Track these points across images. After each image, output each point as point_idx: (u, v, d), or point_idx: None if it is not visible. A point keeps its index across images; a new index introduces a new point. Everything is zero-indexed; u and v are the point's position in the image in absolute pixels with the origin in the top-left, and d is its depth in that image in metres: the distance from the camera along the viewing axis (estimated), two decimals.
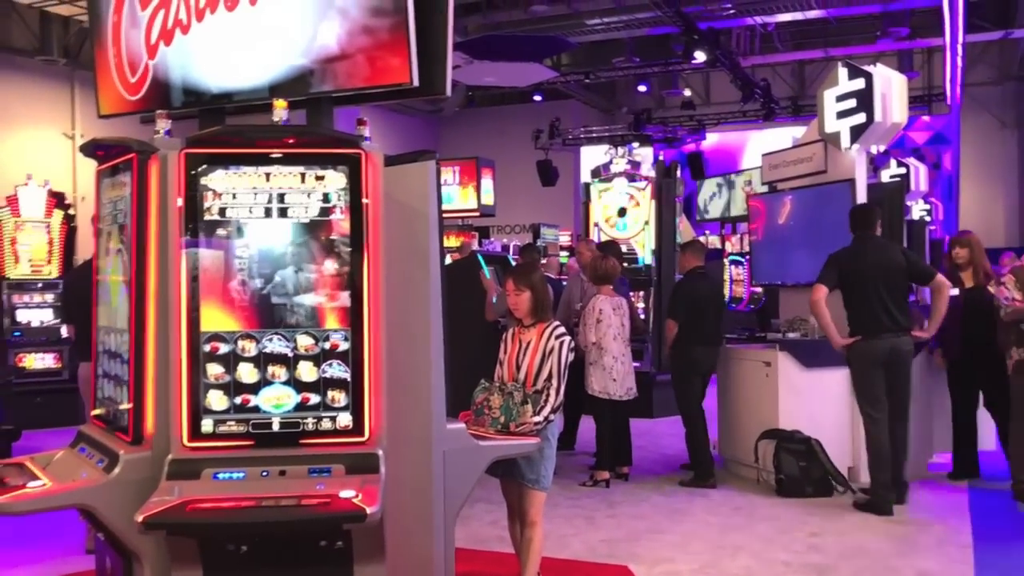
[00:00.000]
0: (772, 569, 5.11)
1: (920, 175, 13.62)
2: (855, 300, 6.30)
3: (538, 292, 4.48)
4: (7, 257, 10.32)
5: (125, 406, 3.54)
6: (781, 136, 17.30)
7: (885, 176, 12.30)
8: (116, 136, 3.70)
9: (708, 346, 7.19)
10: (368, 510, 3.03)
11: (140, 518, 3.02)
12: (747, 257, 14.91)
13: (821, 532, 5.82)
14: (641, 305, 10.40)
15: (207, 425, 3.39)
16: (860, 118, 7.18)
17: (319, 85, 3.84)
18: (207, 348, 3.41)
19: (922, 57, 20.16)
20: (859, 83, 7.20)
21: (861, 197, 7.22)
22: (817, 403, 6.94)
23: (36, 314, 10.46)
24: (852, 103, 7.25)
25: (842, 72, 7.38)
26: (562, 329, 4.45)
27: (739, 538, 5.71)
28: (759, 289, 14.91)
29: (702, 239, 16.95)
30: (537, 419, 4.23)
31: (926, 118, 19.71)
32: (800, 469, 6.63)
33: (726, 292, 15.89)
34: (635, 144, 14.74)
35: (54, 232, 10.63)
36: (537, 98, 21.20)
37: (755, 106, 19.39)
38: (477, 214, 13.98)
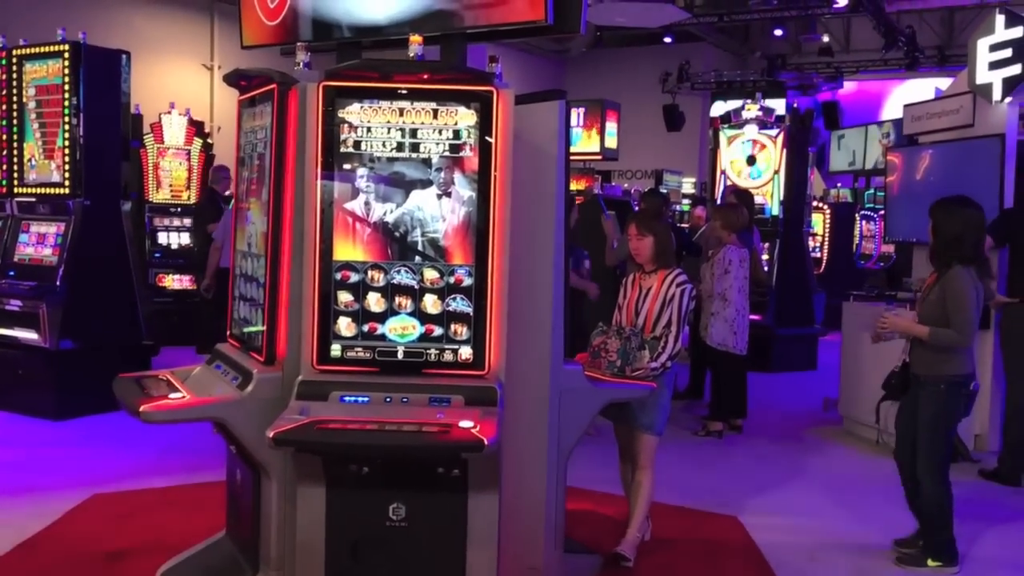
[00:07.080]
0: (886, 530, 5.00)
1: None
2: (1022, 261, 6.12)
3: (661, 238, 4.44)
4: (150, 182, 10.83)
5: (259, 328, 3.70)
6: (924, 87, 16.42)
7: None
8: (259, 67, 3.81)
9: None
10: (486, 440, 3.09)
11: (271, 434, 3.15)
12: (880, 212, 14.34)
13: None
14: (765, 257, 10.16)
15: (336, 350, 3.52)
16: (1015, 69, 6.75)
17: (455, 21, 3.85)
18: (338, 276, 3.51)
19: None
20: (1017, 31, 6.76)
21: (1010, 154, 6.83)
22: None
23: (175, 237, 10.99)
24: (1007, 53, 6.83)
25: (999, 19, 6.94)
26: (683, 277, 4.41)
27: (854, 497, 5.60)
28: (890, 247, 14.36)
29: (833, 192, 16.44)
30: (654, 365, 4.23)
31: None
32: None
33: (855, 248, 15.39)
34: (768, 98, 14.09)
35: (194, 159, 11.07)
36: (667, 40, 20.67)
37: (898, 55, 18.43)
38: (600, 157, 13.84)
